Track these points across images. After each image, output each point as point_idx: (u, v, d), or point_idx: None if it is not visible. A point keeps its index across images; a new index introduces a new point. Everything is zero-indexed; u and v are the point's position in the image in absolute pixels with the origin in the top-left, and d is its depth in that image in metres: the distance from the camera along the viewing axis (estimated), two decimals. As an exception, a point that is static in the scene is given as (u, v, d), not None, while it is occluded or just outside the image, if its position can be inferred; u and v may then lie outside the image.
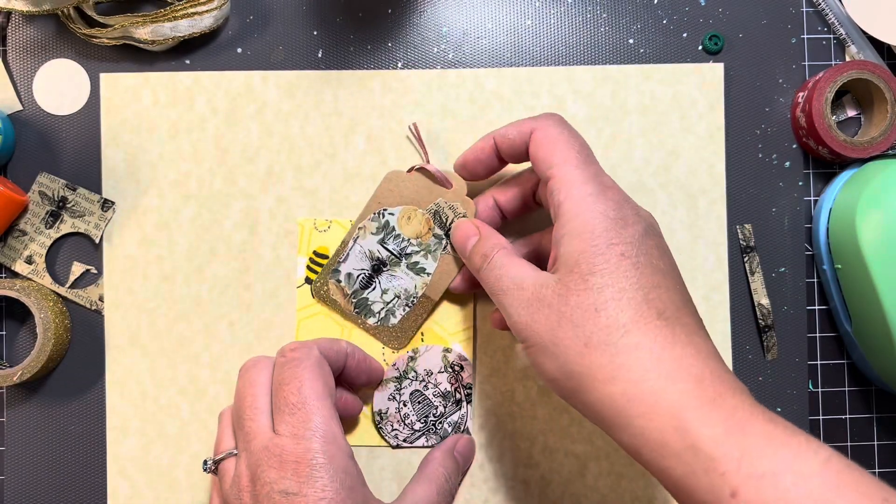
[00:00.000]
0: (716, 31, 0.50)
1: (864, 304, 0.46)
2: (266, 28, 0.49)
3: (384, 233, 0.46)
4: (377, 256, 0.46)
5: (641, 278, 0.34)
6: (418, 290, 0.46)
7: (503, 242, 0.40)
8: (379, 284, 0.46)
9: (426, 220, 0.45)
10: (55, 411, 0.48)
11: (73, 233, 0.49)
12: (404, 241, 0.46)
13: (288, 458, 0.35)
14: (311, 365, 0.39)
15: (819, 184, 0.51)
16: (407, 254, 0.46)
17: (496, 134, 0.41)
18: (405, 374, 0.46)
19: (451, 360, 0.46)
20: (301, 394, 0.37)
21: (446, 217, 0.45)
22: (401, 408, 0.46)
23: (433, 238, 0.45)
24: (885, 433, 0.50)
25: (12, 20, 0.49)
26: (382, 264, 0.46)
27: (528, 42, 0.50)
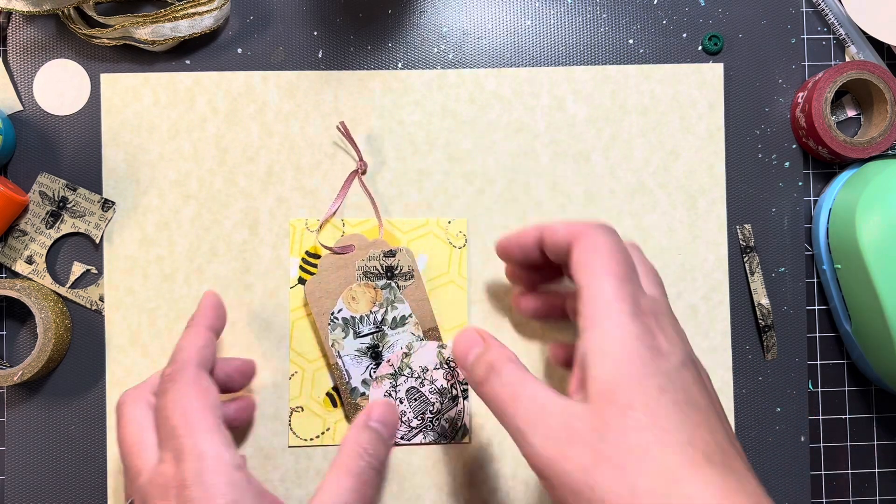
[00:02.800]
0: (715, 31, 0.50)
1: (863, 304, 0.46)
2: (266, 28, 0.50)
3: (350, 329, 0.45)
4: (367, 348, 0.46)
5: (684, 417, 0.30)
6: (418, 333, 0.46)
7: (512, 355, 0.36)
8: (392, 359, 0.46)
9: (365, 287, 0.45)
10: (55, 411, 0.48)
11: (73, 233, 0.49)
12: (369, 315, 0.45)
13: (170, 484, 0.34)
14: (187, 382, 0.38)
15: (819, 184, 0.51)
16: (381, 322, 0.45)
17: (544, 226, 0.39)
18: (400, 371, 0.46)
19: (447, 357, 0.46)
20: (180, 415, 0.36)
21: (376, 267, 0.45)
22: (397, 405, 0.46)
23: (384, 291, 0.45)
24: (884, 433, 0.50)
25: (13, 20, 0.49)
26: (375, 349, 0.46)
27: (528, 42, 0.50)
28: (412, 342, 0.45)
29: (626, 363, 0.31)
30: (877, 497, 0.50)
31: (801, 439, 0.49)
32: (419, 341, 0.46)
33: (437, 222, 0.46)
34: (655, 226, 0.49)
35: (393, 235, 0.46)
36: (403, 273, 0.46)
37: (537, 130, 0.49)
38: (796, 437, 0.49)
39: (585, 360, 0.32)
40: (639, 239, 0.49)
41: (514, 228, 0.45)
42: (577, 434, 0.30)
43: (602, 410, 0.31)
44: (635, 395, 0.30)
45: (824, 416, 0.50)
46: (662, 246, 0.49)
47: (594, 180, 0.49)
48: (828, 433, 0.50)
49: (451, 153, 0.49)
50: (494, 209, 0.49)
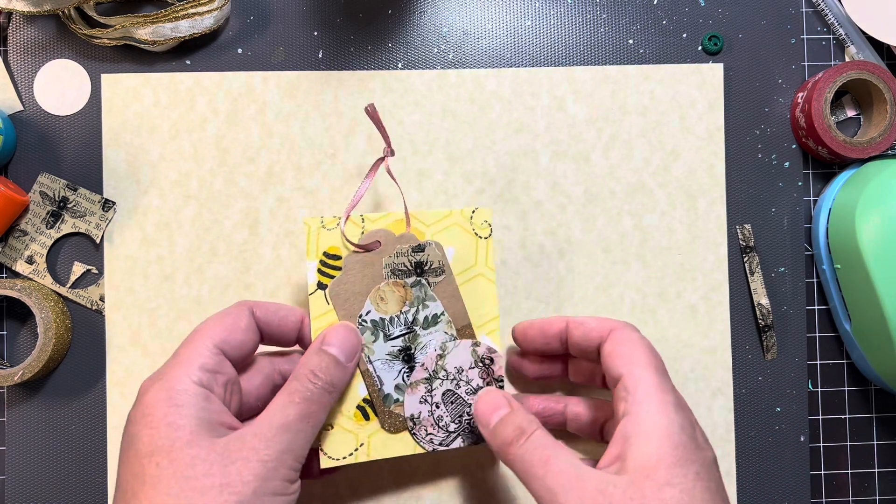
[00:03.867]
0: (715, 31, 0.50)
1: (863, 303, 0.46)
2: (266, 29, 0.50)
3: (381, 332, 0.42)
4: (398, 351, 0.42)
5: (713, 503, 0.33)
6: (451, 331, 0.43)
7: (537, 421, 0.38)
8: (426, 363, 0.42)
9: (394, 286, 0.42)
10: (56, 411, 0.48)
11: (73, 233, 0.49)
12: (400, 316, 0.42)
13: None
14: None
15: (818, 184, 0.51)
16: (412, 321, 0.42)
17: (571, 319, 0.42)
18: (435, 374, 0.42)
19: (481, 354, 0.43)
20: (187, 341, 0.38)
21: (404, 264, 0.42)
22: (433, 410, 0.43)
23: (414, 289, 0.42)
24: (884, 433, 0.50)
25: (13, 20, 0.49)
26: (407, 352, 0.42)
27: (528, 42, 0.50)
28: (446, 342, 0.43)
29: (670, 447, 0.34)
30: (876, 497, 0.50)
31: (801, 439, 0.49)
32: (452, 340, 0.43)
33: (461, 213, 0.43)
34: (655, 226, 0.49)
35: (417, 229, 0.43)
36: (434, 269, 0.43)
37: (537, 130, 0.49)
38: (796, 436, 0.49)
39: (629, 438, 0.34)
40: (639, 239, 0.49)
41: (538, 317, 0.44)
42: (612, 500, 0.32)
43: (640, 483, 0.33)
44: (674, 476, 0.33)
45: (824, 416, 0.50)
46: (662, 246, 0.49)
47: (594, 180, 0.49)
48: (827, 433, 0.50)
49: (451, 153, 0.49)
50: (494, 209, 0.49)
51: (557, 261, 0.49)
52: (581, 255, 0.49)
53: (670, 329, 0.49)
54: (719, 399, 0.49)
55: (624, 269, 0.49)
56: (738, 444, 0.49)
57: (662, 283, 0.49)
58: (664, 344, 0.49)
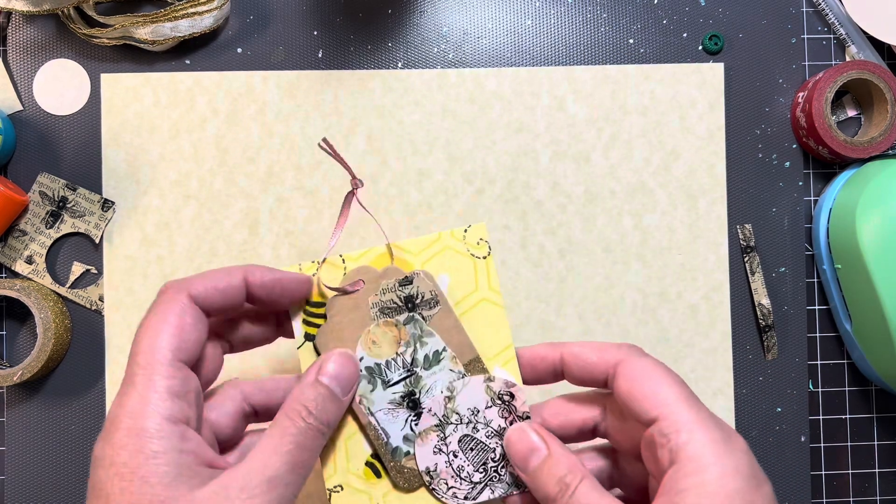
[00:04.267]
0: (716, 31, 0.50)
1: (863, 303, 0.46)
2: (266, 28, 0.49)
3: (378, 379, 0.37)
4: (401, 398, 0.37)
5: None
6: (458, 368, 0.38)
7: (581, 467, 0.33)
8: (434, 408, 0.38)
9: (386, 326, 0.37)
10: (55, 411, 0.48)
11: (73, 233, 0.49)
12: (396, 358, 0.38)
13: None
14: (170, 308, 0.33)
15: (819, 184, 0.51)
16: (411, 362, 0.38)
17: (566, 351, 0.36)
18: (447, 420, 0.37)
19: (498, 390, 0.38)
20: (143, 342, 0.32)
21: (393, 300, 0.38)
22: (451, 460, 0.37)
23: (408, 327, 0.38)
24: (885, 433, 0.50)
25: (12, 20, 0.49)
26: (411, 397, 0.37)
27: (528, 42, 0.50)
28: (453, 381, 0.38)
29: (727, 498, 0.30)
30: (877, 497, 0.50)
31: (802, 439, 0.49)
32: (460, 378, 0.38)
33: (451, 234, 0.39)
34: (656, 226, 0.49)
35: (404, 260, 0.38)
36: (426, 301, 0.38)
37: (537, 130, 0.49)
38: (797, 437, 0.49)
39: (682, 493, 0.31)
40: (639, 239, 0.49)
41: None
42: None
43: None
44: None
45: (825, 416, 0.50)
46: (663, 246, 0.49)
47: (594, 180, 0.49)
48: (828, 433, 0.50)
49: (451, 153, 0.49)
50: (494, 209, 0.49)
51: (557, 261, 0.49)
52: (581, 255, 0.49)
53: (671, 329, 0.49)
54: (720, 399, 0.49)
55: (624, 269, 0.49)
56: (739, 444, 0.49)
57: (663, 283, 0.49)
58: (665, 344, 0.49)
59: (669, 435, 0.31)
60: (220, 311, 0.35)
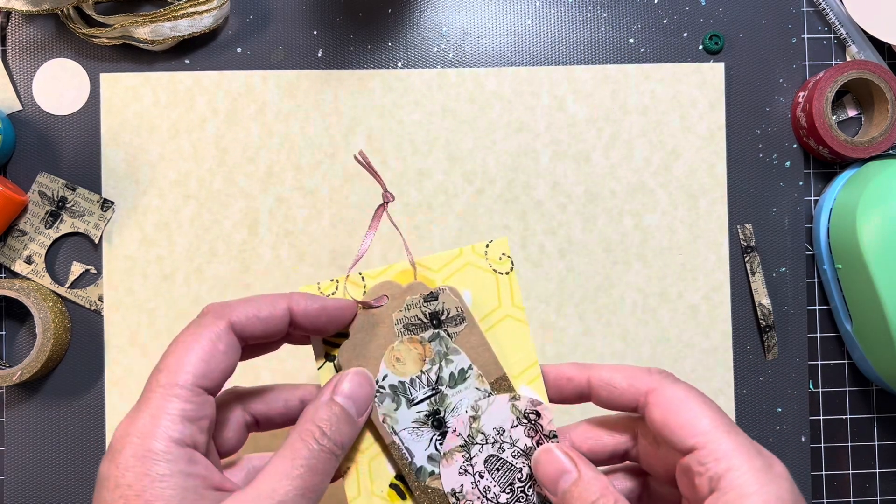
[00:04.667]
0: (716, 30, 0.50)
1: (864, 303, 0.46)
2: (266, 28, 0.49)
3: (402, 397, 0.36)
4: (426, 417, 0.37)
5: None
6: (484, 386, 0.37)
7: (613, 490, 0.32)
8: (458, 428, 0.37)
9: (410, 343, 0.37)
10: (55, 411, 0.48)
11: (72, 233, 0.48)
12: (421, 376, 0.37)
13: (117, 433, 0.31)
14: (199, 338, 0.33)
15: (819, 184, 0.51)
16: (436, 380, 0.37)
17: (594, 375, 0.35)
18: (472, 440, 0.37)
19: (524, 409, 0.37)
20: (166, 362, 0.32)
21: (417, 317, 0.37)
22: (478, 481, 0.37)
23: (433, 344, 0.37)
24: (885, 433, 0.50)
25: (12, 20, 0.49)
26: (436, 416, 0.37)
27: (529, 42, 0.50)
28: (478, 400, 0.37)
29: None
30: (877, 497, 0.50)
31: (802, 439, 0.49)
32: (486, 397, 0.37)
33: (472, 250, 0.38)
34: (656, 226, 0.49)
35: (425, 277, 0.38)
36: (452, 317, 0.37)
37: (537, 130, 0.49)
38: (797, 437, 0.49)
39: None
40: (639, 239, 0.49)
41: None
42: None
43: None
44: None
45: (825, 417, 0.50)
46: (663, 246, 0.49)
47: (595, 180, 0.49)
48: (828, 433, 0.50)
49: (451, 153, 0.49)
50: (494, 209, 0.49)
51: (558, 261, 0.49)
52: (582, 255, 0.49)
53: (671, 329, 0.49)
54: (720, 399, 0.49)
55: (625, 269, 0.49)
56: (739, 444, 0.49)
57: (663, 283, 0.49)
58: (665, 344, 0.49)
59: (708, 464, 0.31)
60: (259, 339, 0.34)
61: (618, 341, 0.49)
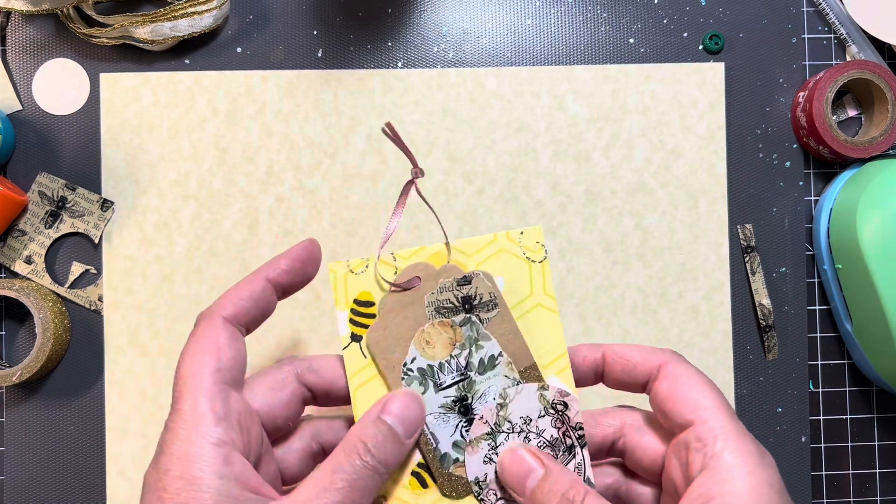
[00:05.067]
0: (716, 30, 0.50)
1: (864, 303, 0.46)
2: (266, 28, 0.49)
3: (430, 381, 0.36)
4: (453, 402, 0.36)
5: None
6: (513, 375, 0.36)
7: (581, 482, 0.33)
8: (486, 415, 0.36)
9: (441, 326, 0.36)
10: (54, 411, 0.48)
11: (72, 233, 0.48)
12: (451, 361, 0.36)
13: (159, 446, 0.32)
14: (204, 335, 0.33)
15: (819, 184, 0.51)
16: (465, 366, 0.36)
17: (609, 350, 0.35)
18: (498, 428, 0.36)
19: (552, 399, 0.36)
20: (184, 371, 0.33)
21: (449, 300, 0.36)
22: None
23: (464, 329, 0.36)
24: (885, 433, 0.50)
25: (12, 20, 0.49)
26: (463, 402, 0.36)
27: (529, 41, 0.50)
28: (507, 388, 0.36)
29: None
30: (878, 497, 0.50)
31: (802, 439, 0.49)
32: (514, 386, 0.36)
33: (506, 236, 0.37)
34: (656, 225, 0.49)
35: (458, 261, 0.37)
36: (484, 303, 0.36)
37: (538, 130, 0.49)
38: (797, 437, 0.49)
39: (711, 500, 0.30)
40: (640, 239, 0.49)
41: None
42: None
43: None
44: None
45: (825, 417, 0.50)
46: (663, 246, 0.49)
47: (595, 180, 0.49)
48: (829, 433, 0.50)
49: (451, 153, 0.49)
50: (494, 209, 0.49)
51: (558, 261, 0.49)
52: (582, 255, 0.49)
53: (671, 329, 0.49)
54: (720, 399, 0.49)
55: (625, 269, 0.49)
56: (739, 444, 0.49)
57: (664, 283, 0.49)
58: (665, 344, 0.49)
59: (706, 440, 0.31)
60: (258, 318, 0.34)
61: (618, 341, 0.49)
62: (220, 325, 0.33)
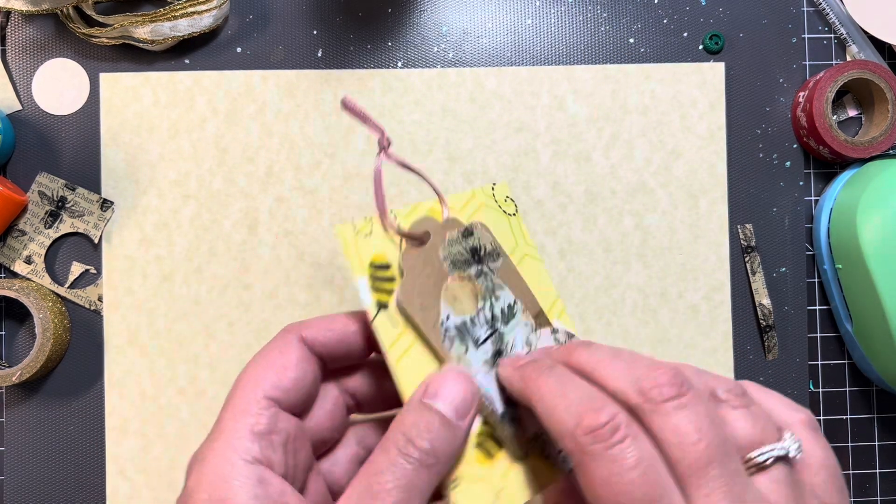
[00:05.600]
0: (716, 30, 0.50)
1: (864, 303, 0.46)
2: (266, 27, 0.49)
3: (469, 338, 0.33)
4: (492, 359, 0.33)
5: None
6: (529, 321, 0.35)
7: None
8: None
9: (461, 280, 0.34)
10: (54, 412, 0.48)
11: (72, 233, 0.48)
12: (478, 315, 0.33)
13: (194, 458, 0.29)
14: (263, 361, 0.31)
15: (820, 184, 0.51)
16: (492, 318, 0.34)
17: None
18: None
19: (563, 341, 0.35)
20: (236, 387, 0.30)
21: (461, 252, 0.34)
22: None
23: (481, 280, 0.34)
24: (885, 433, 0.50)
25: (11, 20, 0.49)
26: (500, 355, 0.33)
27: (529, 41, 0.50)
28: (529, 335, 0.34)
29: None
30: (878, 497, 0.50)
31: (802, 439, 0.49)
32: (534, 332, 0.35)
33: (482, 191, 0.36)
34: (656, 225, 0.49)
35: (451, 216, 0.36)
36: (489, 253, 0.35)
37: (538, 130, 0.49)
38: (797, 437, 0.49)
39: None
40: (640, 239, 0.49)
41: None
42: None
43: None
44: None
45: (825, 417, 0.50)
46: (664, 246, 0.49)
47: (595, 180, 0.49)
48: (829, 433, 0.50)
49: (451, 153, 0.49)
50: (495, 209, 0.49)
51: (558, 261, 0.49)
52: (582, 255, 0.49)
53: (672, 329, 0.49)
54: (720, 399, 0.49)
55: (625, 269, 0.49)
56: (739, 444, 0.49)
57: (664, 284, 0.49)
58: (666, 344, 0.49)
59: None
60: (336, 355, 0.31)
61: (618, 341, 0.49)
62: (295, 342, 0.30)
